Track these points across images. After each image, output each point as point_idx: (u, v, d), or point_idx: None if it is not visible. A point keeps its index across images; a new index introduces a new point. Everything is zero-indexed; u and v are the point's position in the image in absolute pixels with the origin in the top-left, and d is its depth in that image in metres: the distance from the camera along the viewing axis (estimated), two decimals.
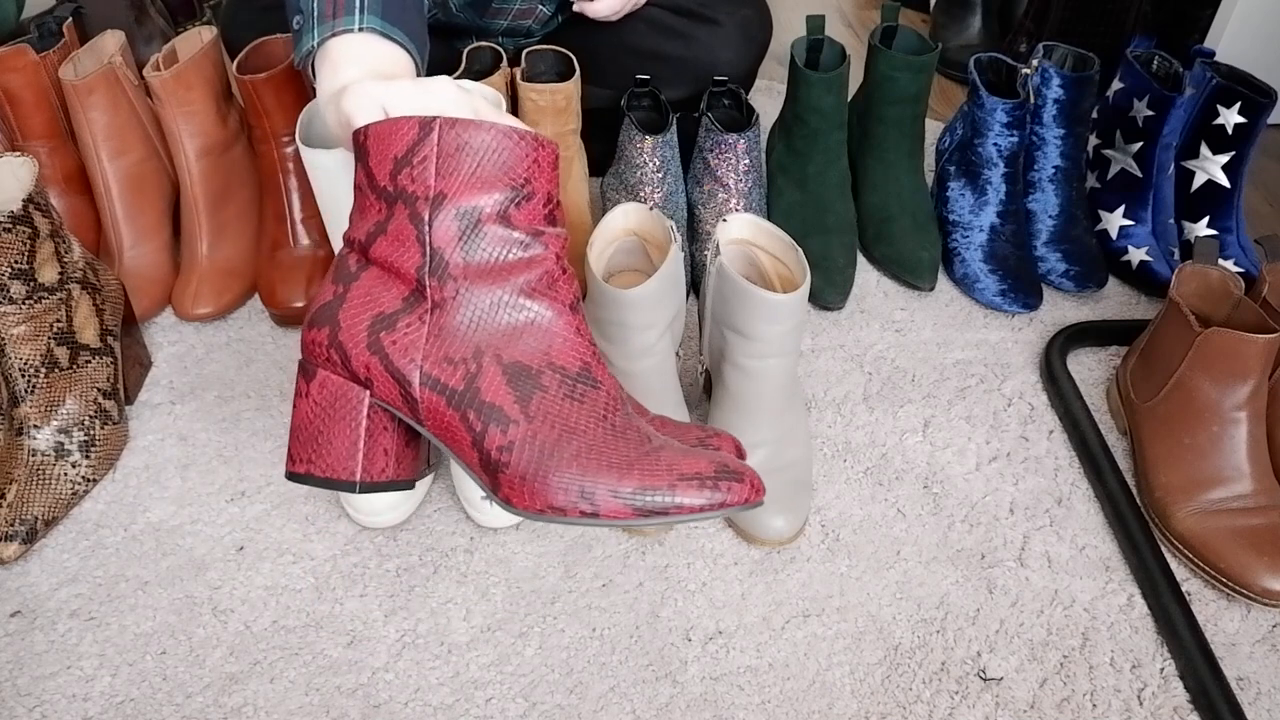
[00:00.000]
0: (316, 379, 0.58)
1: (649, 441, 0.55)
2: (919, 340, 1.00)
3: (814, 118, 1.03)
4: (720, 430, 0.64)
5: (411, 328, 0.54)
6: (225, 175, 0.99)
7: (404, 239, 0.54)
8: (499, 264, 0.53)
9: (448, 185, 0.52)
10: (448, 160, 0.52)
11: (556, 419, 0.54)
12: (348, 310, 0.56)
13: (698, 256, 1.03)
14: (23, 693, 0.67)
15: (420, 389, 0.54)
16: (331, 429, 0.58)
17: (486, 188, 0.52)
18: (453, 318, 0.54)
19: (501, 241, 0.53)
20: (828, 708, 0.68)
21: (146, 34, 1.27)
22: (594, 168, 1.12)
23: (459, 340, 0.54)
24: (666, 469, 0.53)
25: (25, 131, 0.96)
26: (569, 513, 0.53)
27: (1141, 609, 0.75)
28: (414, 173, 0.53)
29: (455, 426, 0.54)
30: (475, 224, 0.53)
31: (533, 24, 1.08)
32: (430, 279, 0.54)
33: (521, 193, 0.53)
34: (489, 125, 0.52)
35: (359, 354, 0.56)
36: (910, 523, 0.81)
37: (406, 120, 0.52)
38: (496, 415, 0.53)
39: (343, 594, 0.74)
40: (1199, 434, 0.79)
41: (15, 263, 0.74)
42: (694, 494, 0.53)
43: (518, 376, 0.54)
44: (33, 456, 0.77)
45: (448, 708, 0.67)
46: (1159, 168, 1.04)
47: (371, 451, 0.58)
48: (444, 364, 0.54)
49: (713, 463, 0.54)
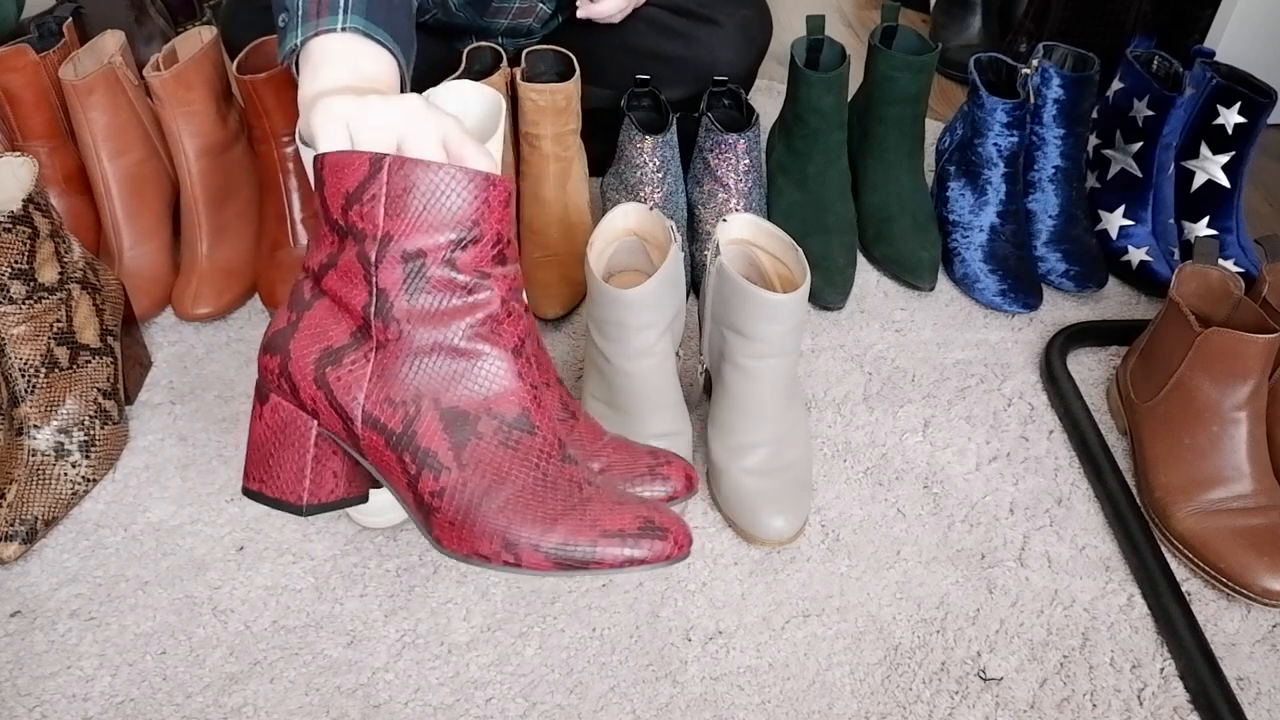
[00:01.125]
0: (269, 403, 0.59)
1: (580, 491, 0.56)
2: (919, 340, 1.00)
3: (814, 118, 1.03)
4: (673, 456, 0.65)
5: (356, 365, 0.55)
6: (225, 175, 0.99)
7: (352, 276, 0.54)
8: (442, 309, 0.54)
9: (394, 226, 0.52)
10: (395, 201, 0.52)
11: (489, 467, 0.54)
12: (298, 340, 0.56)
13: (698, 256, 1.03)
14: (23, 693, 0.67)
15: (362, 427, 0.55)
16: (281, 453, 0.59)
17: (432, 230, 0.52)
18: (395, 359, 0.54)
19: (446, 285, 0.53)
20: (828, 708, 0.68)
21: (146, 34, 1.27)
22: (594, 168, 1.12)
23: (400, 382, 0.54)
24: (591, 524, 0.54)
25: (25, 131, 0.96)
26: (493, 560, 0.54)
27: (1141, 609, 0.75)
28: (363, 210, 0.52)
29: (393, 466, 0.55)
30: (420, 267, 0.53)
31: (533, 23, 1.08)
32: (375, 319, 0.54)
33: (469, 235, 0.53)
34: (438, 166, 0.51)
35: (306, 386, 0.56)
36: (910, 523, 0.81)
37: (359, 156, 0.52)
38: (430, 461, 0.54)
39: (343, 594, 0.74)
40: (1199, 434, 0.79)
41: (15, 263, 0.74)
42: (615, 550, 0.54)
43: (454, 422, 0.54)
44: (33, 456, 0.77)
45: (448, 708, 0.67)
46: (1159, 168, 1.04)
47: (319, 475, 0.59)
48: (385, 405, 0.55)
49: (638, 518, 0.55)
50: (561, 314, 0.99)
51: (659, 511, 0.56)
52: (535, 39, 1.14)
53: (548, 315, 0.98)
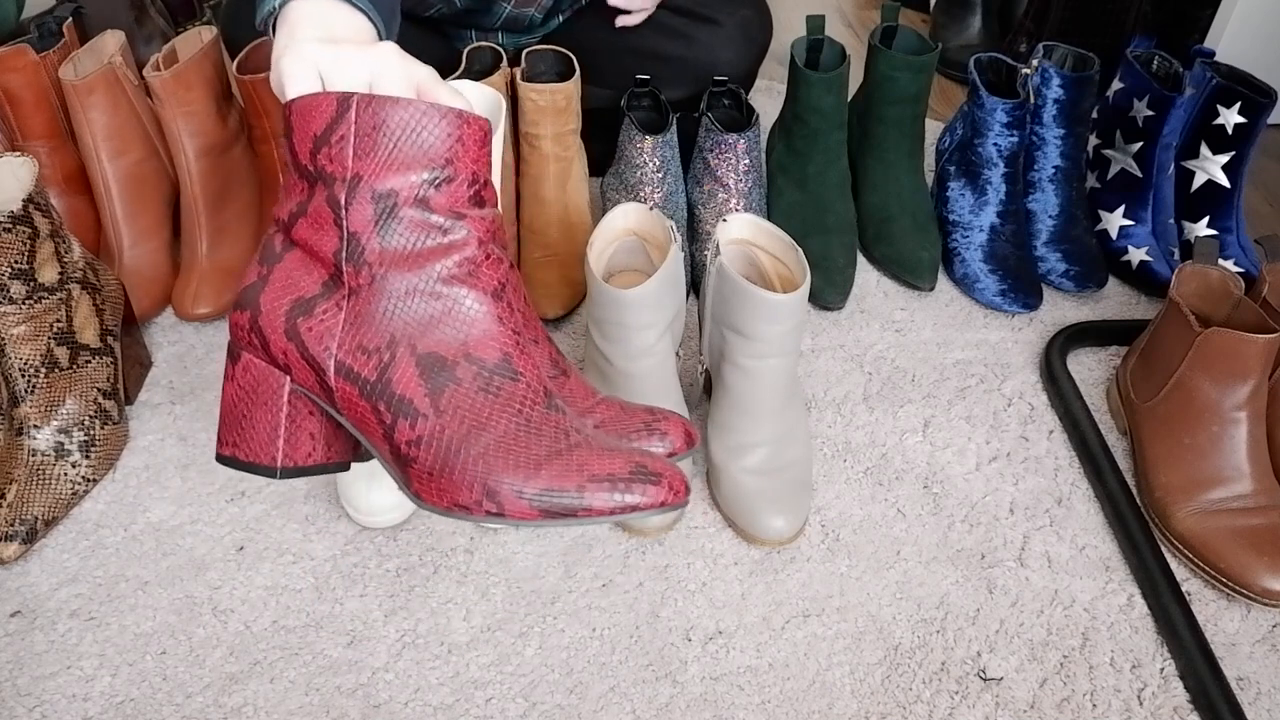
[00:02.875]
0: (240, 362, 0.56)
1: (567, 438, 0.53)
2: (919, 340, 1.00)
3: (814, 118, 1.03)
4: (670, 413, 0.62)
5: (328, 314, 0.53)
6: (225, 175, 0.99)
7: (323, 222, 0.52)
8: (416, 250, 0.51)
9: (364, 166, 0.50)
10: (364, 140, 0.50)
11: (468, 414, 0.52)
12: (268, 293, 0.54)
13: (698, 256, 1.03)
14: (23, 693, 0.67)
15: (335, 377, 0.53)
16: (254, 413, 0.57)
17: (404, 169, 0.50)
18: (368, 305, 0.52)
19: (419, 226, 0.51)
20: (828, 708, 0.68)
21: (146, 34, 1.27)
22: (594, 168, 1.12)
23: (374, 328, 0.52)
24: (578, 469, 0.51)
25: (25, 131, 0.96)
26: (473, 510, 0.51)
27: (1141, 609, 0.75)
28: (332, 152, 0.51)
29: (368, 417, 0.53)
30: (392, 208, 0.51)
31: (535, 12, 1.08)
32: (347, 264, 0.52)
33: (442, 174, 0.51)
34: (408, 103, 0.50)
35: (277, 339, 0.54)
36: (910, 523, 0.81)
37: (326, 96, 0.50)
38: (406, 408, 0.52)
39: (343, 594, 0.74)
40: (1199, 434, 0.79)
41: (15, 263, 0.74)
42: (604, 496, 0.51)
43: (431, 368, 0.52)
44: (33, 456, 0.77)
45: (448, 708, 0.67)
46: (1159, 168, 1.04)
47: (294, 437, 0.57)
48: (358, 352, 0.52)
49: (630, 462, 0.52)
50: (561, 314, 0.99)
51: (652, 458, 0.53)
52: (535, 37, 1.14)
53: (548, 315, 0.98)
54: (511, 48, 1.13)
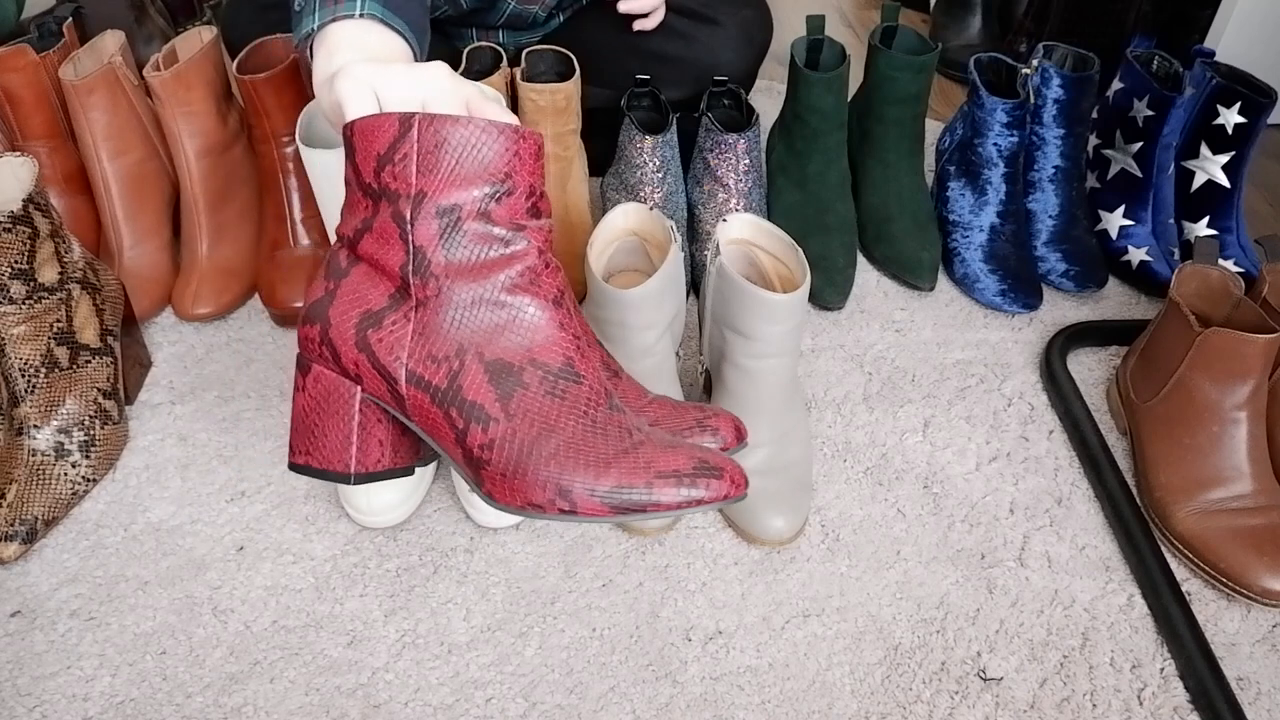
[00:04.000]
0: (311, 373, 0.59)
1: (630, 436, 0.55)
2: (919, 340, 1.00)
3: (814, 118, 1.03)
4: (720, 410, 0.64)
5: (397, 325, 0.55)
6: (225, 175, 0.99)
7: (388, 237, 0.54)
8: (480, 261, 0.53)
9: (428, 183, 0.52)
10: (427, 157, 0.52)
11: (537, 416, 0.54)
12: (337, 307, 0.56)
13: (698, 256, 1.03)
14: (23, 693, 0.67)
15: (406, 386, 0.55)
16: (326, 422, 0.59)
17: (466, 184, 0.52)
18: (436, 315, 0.54)
19: (482, 238, 0.53)
20: (828, 708, 0.68)
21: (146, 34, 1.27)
22: (594, 168, 1.12)
23: (442, 338, 0.54)
24: (645, 466, 0.54)
25: (25, 131, 0.96)
26: (547, 509, 0.53)
27: (1141, 609, 0.75)
28: (396, 170, 0.53)
29: (440, 423, 0.55)
30: (455, 221, 0.53)
31: (539, 10, 1.08)
32: (414, 277, 0.54)
33: (502, 188, 0.53)
34: (468, 120, 0.51)
35: (348, 351, 0.56)
36: (910, 523, 0.81)
37: (388, 117, 0.52)
38: (478, 413, 0.54)
39: (343, 594, 0.74)
40: (1199, 434, 0.79)
41: (15, 263, 0.74)
42: (671, 491, 0.53)
43: (499, 374, 0.54)
44: (33, 456, 0.77)
45: (448, 708, 0.67)
46: (1159, 168, 1.04)
47: (365, 443, 0.59)
48: (428, 362, 0.54)
49: (692, 458, 0.54)
50: None
51: (712, 453, 0.55)
52: (536, 36, 1.14)
53: None
54: (512, 47, 1.13)
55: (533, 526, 0.79)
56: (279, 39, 0.97)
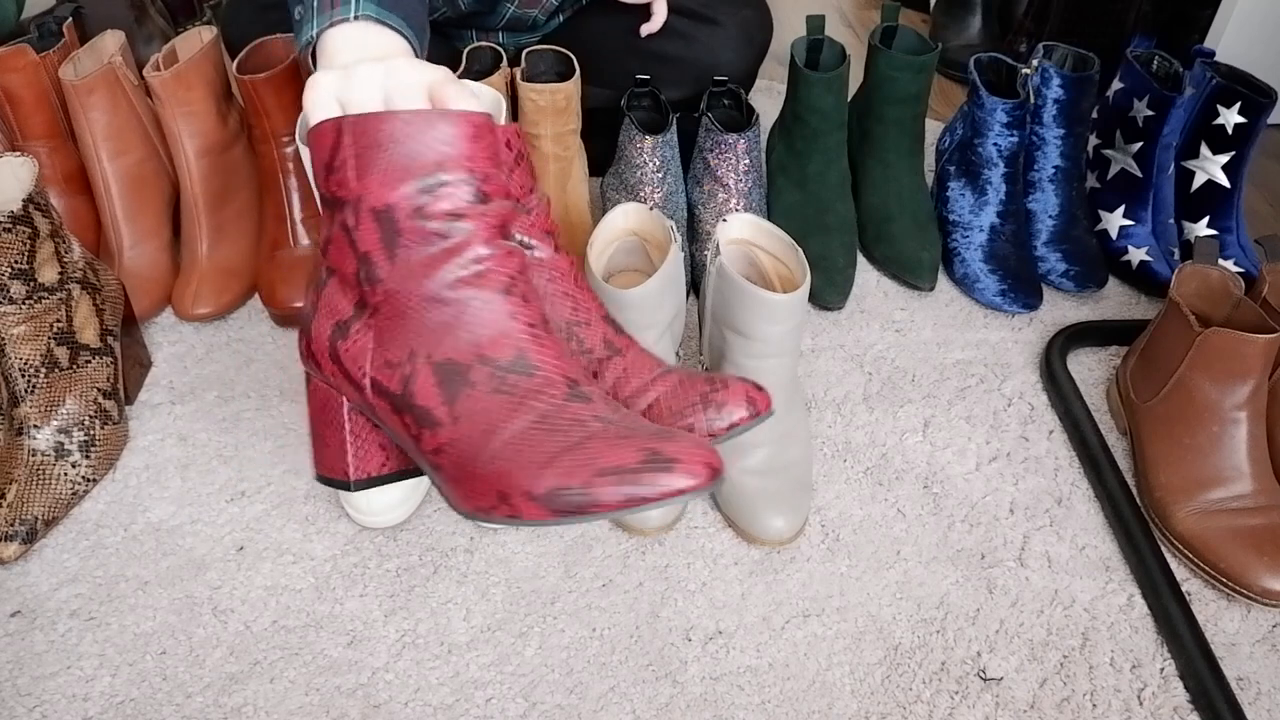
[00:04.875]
0: (310, 385, 0.59)
1: (583, 428, 0.51)
2: (919, 340, 1.00)
3: (814, 118, 1.03)
4: (732, 380, 0.61)
5: (360, 334, 0.55)
6: (225, 175, 0.99)
7: (341, 245, 0.53)
8: (422, 259, 0.52)
9: (364, 186, 0.51)
10: (362, 159, 0.51)
11: (481, 417, 0.51)
12: (317, 319, 0.56)
13: (698, 256, 1.03)
14: (23, 693, 0.67)
15: (371, 394, 0.54)
16: (325, 432, 0.59)
17: (397, 182, 0.51)
18: (389, 320, 0.53)
19: (420, 236, 0.52)
20: (828, 708, 0.68)
21: (146, 34, 1.27)
22: (594, 168, 1.12)
23: (395, 344, 0.53)
24: (586, 464, 0.49)
25: (25, 131, 0.96)
26: (493, 513, 0.51)
27: (1141, 609, 0.75)
28: (338, 178, 0.52)
29: (400, 430, 0.54)
30: (393, 222, 0.51)
31: (539, 14, 1.08)
32: (365, 284, 0.53)
33: (433, 180, 0.51)
34: (392, 115, 0.50)
35: (325, 362, 0.56)
36: (910, 523, 0.81)
37: (327, 124, 0.51)
38: (427, 419, 0.52)
39: (343, 594, 0.74)
40: (1199, 434, 0.79)
41: (15, 263, 0.74)
42: (611, 490, 0.48)
43: (448, 376, 0.52)
44: (33, 456, 0.77)
45: (448, 708, 0.67)
46: (1159, 168, 1.04)
47: (362, 450, 0.59)
48: (385, 369, 0.54)
49: (642, 450, 0.49)
50: None
51: (672, 441, 0.49)
52: (535, 36, 1.14)
53: None
54: (512, 48, 1.13)
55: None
56: (279, 39, 0.97)
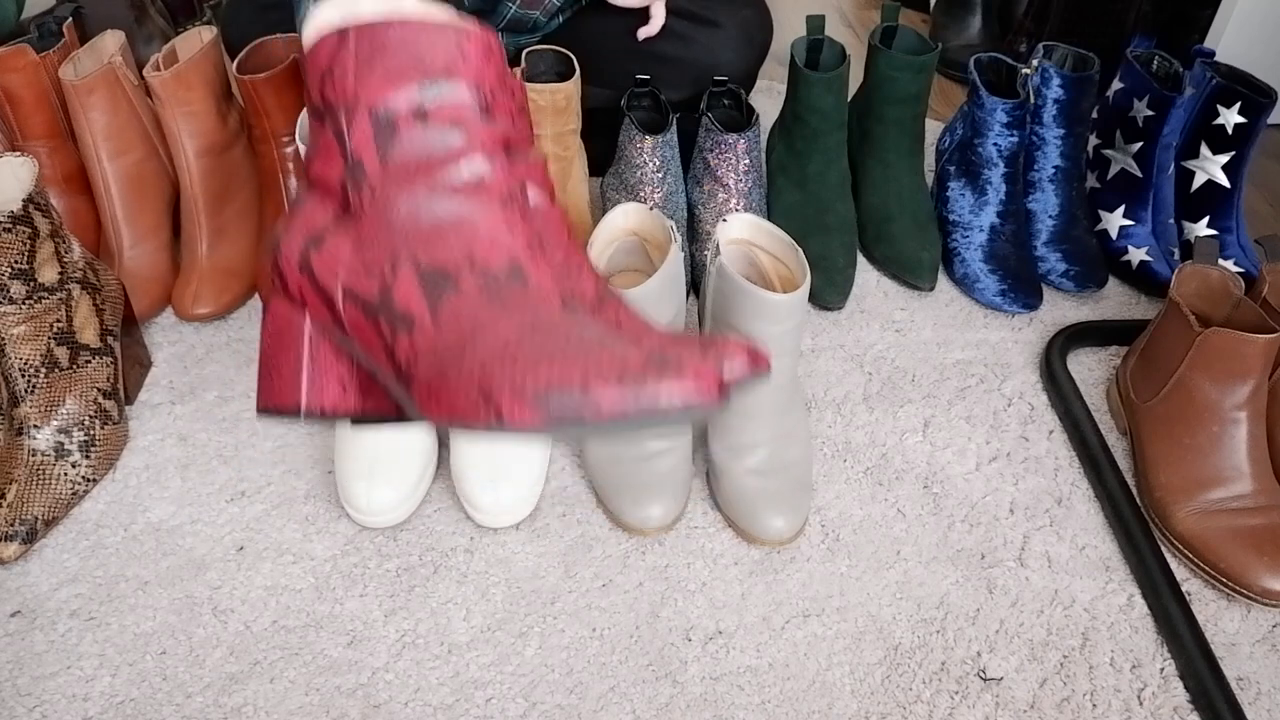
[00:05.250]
0: (269, 310, 0.56)
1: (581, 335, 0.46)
2: (919, 340, 1.00)
3: (814, 118, 1.03)
4: (729, 340, 0.58)
5: (337, 244, 0.53)
6: (225, 175, 0.99)
7: (330, 152, 0.52)
8: (418, 163, 0.50)
9: (364, 89, 0.50)
10: (364, 65, 0.50)
11: (467, 321, 0.48)
12: (288, 235, 0.54)
13: (698, 256, 1.03)
14: (23, 693, 0.67)
15: (343, 303, 0.52)
16: (279, 356, 0.56)
17: (401, 83, 0.50)
18: (373, 225, 0.51)
19: (419, 140, 0.50)
20: (828, 708, 0.68)
21: (146, 34, 1.27)
22: (594, 168, 1.12)
23: (377, 248, 0.51)
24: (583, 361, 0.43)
25: (25, 131, 0.96)
26: (472, 417, 0.45)
27: (1141, 609, 0.75)
28: (335, 84, 0.51)
29: (371, 337, 0.52)
30: (391, 124, 0.50)
31: (540, 15, 1.08)
32: (351, 189, 0.51)
33: (442, 84, 0.50)
34: (402, 22, 0.49)
35: (292, 274, 0.54)
36: (910, 523, 0.81)
37: (328, 34, 0.51)
38: (406, 322, 0.50)
39: (343, 594, 0.74)
40: (1199, 434, 0.79)
41: (15, 263, 0.74)
42: (611, 392, 0.41)
43: (433, 280, 0.50)
44: (33, 456, 0.77)
45: (448, 708, 0.67)
46: (1159, 168, 1.04)
47: (320, 379, 0.55)
48: (361, 275, 0.51)
49: (646, 351, 0.43)
50: None
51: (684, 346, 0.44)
52: (536, 37, 1.14)
53: None
54: (512, 48, 1.13)
55: (533, 526, 0.79)
56: (279, 39, 0.97)
